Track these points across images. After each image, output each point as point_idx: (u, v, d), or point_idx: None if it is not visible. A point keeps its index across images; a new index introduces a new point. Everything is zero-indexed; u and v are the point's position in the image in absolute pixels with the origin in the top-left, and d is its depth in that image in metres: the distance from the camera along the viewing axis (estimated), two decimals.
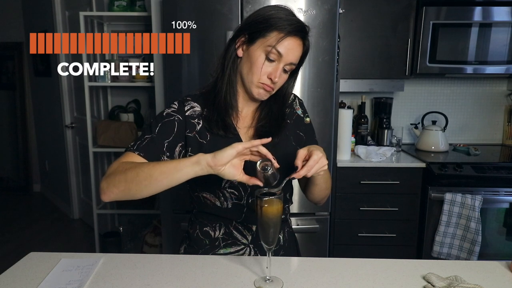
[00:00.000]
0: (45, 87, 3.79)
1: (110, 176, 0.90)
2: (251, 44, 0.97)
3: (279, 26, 0.93)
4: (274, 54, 0.95)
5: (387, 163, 2.16)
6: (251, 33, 0.96)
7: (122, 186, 0.87)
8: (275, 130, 1.04)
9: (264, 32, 0.94)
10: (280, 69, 0.96)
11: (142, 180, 0.86)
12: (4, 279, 0.92)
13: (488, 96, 2.69)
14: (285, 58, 0.95)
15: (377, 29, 2.26)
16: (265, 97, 1.01)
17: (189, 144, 1.02)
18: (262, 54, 0.95)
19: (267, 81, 0.97)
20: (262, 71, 0.96)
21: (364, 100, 2.57)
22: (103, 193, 0.90)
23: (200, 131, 1.03)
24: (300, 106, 1.15)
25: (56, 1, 3.21)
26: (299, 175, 0.87)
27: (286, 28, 0.93)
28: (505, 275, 0.95)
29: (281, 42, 0.93)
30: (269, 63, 0.96)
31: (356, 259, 1.02)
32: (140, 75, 2.54)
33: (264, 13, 0.96)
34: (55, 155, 3.81)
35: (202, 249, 1.09)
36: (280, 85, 1.02)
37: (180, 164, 0.84)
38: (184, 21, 1.83)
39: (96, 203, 2.73)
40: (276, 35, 0.93)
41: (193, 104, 1.05)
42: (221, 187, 1.03)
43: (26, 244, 3.07)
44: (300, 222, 2.02)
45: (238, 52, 1.00)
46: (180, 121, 1.01)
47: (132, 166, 0.89)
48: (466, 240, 2.03)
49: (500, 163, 2.15)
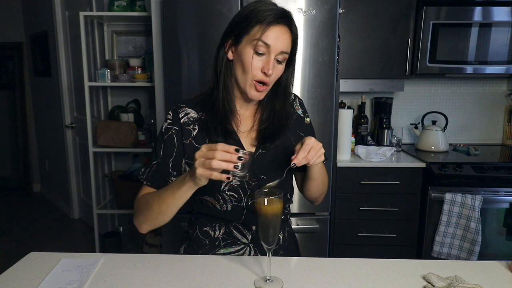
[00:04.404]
0: (45, 87, 3.80)
1: (136, 215, 1.03)
2: (238, 44, 0.96)
3: (259, 18, 0.92)
4: (261, 47, 0.93)
5: (387, 163, 2.16)
6: (236, 34, 0.96)
7: (148, 223, 1.00)
8: (278, 131, 1.03)
9: (247, 28, 0.94)
10: (272, 60, 0.94)
11: (158, 215, 0.96)
12: (4, 279, 0.92)
13: (488, 96, 2.69)
14: (274, 48, 0.94)
15: (377, 29, 2.26)
16: (260, 97, 0.99)
17: (186, 151, 1.03)
18: (250, 49, 0.94)
19: (261, 75, 0.95)
20: (253, 67, 0.95)
21: (364, 100, 2.57)
22: (138, 229, 1.03)
23: (196, 137, 1.03)
24: (300, 106, 1.14)
25: (56, 1, 3.21)
26: (298, 159, 0.87)
27: (267, 18, 0.92)
28: (505, 275, 0.95)
29: (265, 33, 0.92)
30: (259, 57, 0.95)
31: (356, 259, 1.02)
32: (140, 75, 2.55)
33: (244, 11, 0.96)
34: (55, 155, 3.81)
35: (202, 249, 1.09)
36: (276, 77, 0.99)
37: (177, 194, 0.91)
38: (184, 21, 1.83)
39: (96, 203, 2.73)
40: (258, 27, 0.93)
41: (188, 111, 1.05)
42: (220, 190, 1.02)
43: (26, 244, 3.07)
44: (300, 222, 2.02)
45: (229, 56, 0.99)
46: (177, 132, 1.03)
47: (145, 203, 0.99)
48: (466, 240, 2.03)
49: (500, 163, 2.15)
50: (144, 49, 2.83)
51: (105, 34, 2.83)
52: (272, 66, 0.94)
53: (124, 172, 2.78)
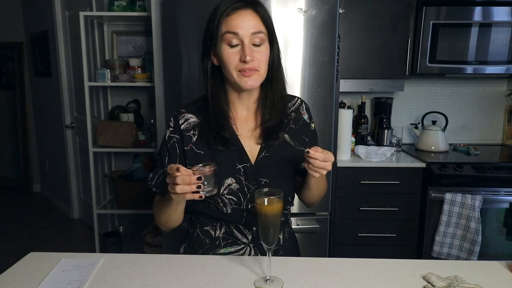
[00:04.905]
0: (45, 87, 3.80)
1: (155, 219, 1.09)
2: (215, 46, 0.98)
3: (220, 13, 0.94)
4: (231, 38, 0.93)
5: (387, 163, 2.16)
6: (211, 39, 0.97)
7: (163, 227, 1.07)
8: (279, 124, 1.04)
9: (216, 29, 0.95)
10: (247, 46, 0.93)
11: (166, 222, 1.04)
12: (4, 279, 0.92)
13: (488, 96, 2.69)
14: (242, 33, 0.93)
15: (377, 29, 2.26)
16: (255, 84, 0.97)
17: (187, 158, 1.03)
18: (225, 45, 0.95)
19: (241, 64, 0.94)
20: (232, 60, 0.95)
21: (364, 100, 2.57)
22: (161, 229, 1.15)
23: (196, 142, 1.03)
24: (307, 111, 1.13)
25: (56, 1, 3.21)
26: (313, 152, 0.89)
27: (225, 10, 0.94)
28: (505, 275, 0.95)
29: (228, 22, 0.93)
30: (235, 49, 0.94)
31: (356, 259, 1.02)
32: (140, 75, 2.55)
33: (211, 14, 0.98)
34: (55, 155, 3.81)
35: (202, 249, 1.09)
36: (263, 60, 0.97)
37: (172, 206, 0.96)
38: (184, 21, 1.83)
39: (96, 203, 2.73)
40: (223, 22, 0.94)
41: (188, 116, 1.05)
42: (219, 194, 1.02)
43: (26, 244, 3.07)
44: (300, 222, 2.02)
45: (214, 62, 1.00)
46: (178, 140, 1.04)
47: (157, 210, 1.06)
48: (466, 240, 2.03)
49: (500, 163, 2.15)
50: (144, 49, 2.83)
51: (105, 34, 2.83)
52: (250, 52, 0.93)
53: (124, 172, 2.78)
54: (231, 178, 1.01)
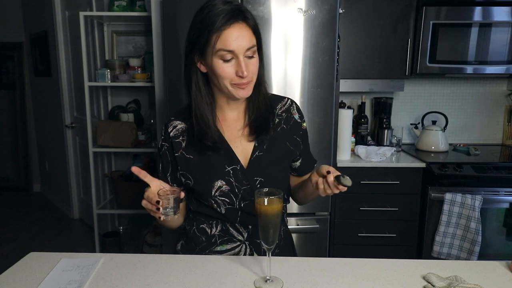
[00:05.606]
0: (45, 87, 3.80)
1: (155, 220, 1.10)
2: (204, 57, 0.96)
3: (211, 27, 0.90)
4: (227, 54, 0.92)
5: (387, 163, 2.16)
6: (199, 49, 0.95)
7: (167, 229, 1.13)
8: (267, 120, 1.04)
9: (206, 42, 0.92)
10: (242, 61, 0.93)
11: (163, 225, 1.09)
12: (4, 279, 0.92)
13: (488, 96, 2.69)
14: (238, 50, 0.92)
15: (377, 29, 2.26)
16: (248, 93, 0.99)
17: (178, 164, 1.05)
18: (218, 60, 0.93)
19: (238, 79, 0.95)
20: (227, 75, 0.94)
21: (364, 100, 2.57)
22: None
23: (186, 148, 1.05)
24: (297, 111, 1.13)
25: (56, 1, 3.21)
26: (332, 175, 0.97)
27: (220, 25, 0.90)
28: (505, 275, 0.95)
29: (223, 40, 0.91)
30: (229, 63, 0.94)
31: (356, 259, 1.02)
32: (140, 75, 2.54)
33: (195, 23, 0.95)
34: (55, 155, 3.81)
35: (199, 246, 1.10)
36: (256, 71, 0.98)
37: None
38: (184, 21, 1.83)
39: (96, 203, 2.73)
40: (216, 37, 0.91)
41: (176, 123, 1.07)
42: (212, 196, 1.03)
43: (26, 244, 3.07)
44: (300, 222, 2.02)
45: (202, 69, 0.99)
46: (168, 148, 1.07)
47: None
48: (466, 240, 2.03)
49: (500, 163, 2.15)
50: (144, 49, 2.83)
51: (105, 34, 2.83)
52: (245, 66, 0.93)
53: (124, 172, 2.78)
54: (221, 180, 1.02)
